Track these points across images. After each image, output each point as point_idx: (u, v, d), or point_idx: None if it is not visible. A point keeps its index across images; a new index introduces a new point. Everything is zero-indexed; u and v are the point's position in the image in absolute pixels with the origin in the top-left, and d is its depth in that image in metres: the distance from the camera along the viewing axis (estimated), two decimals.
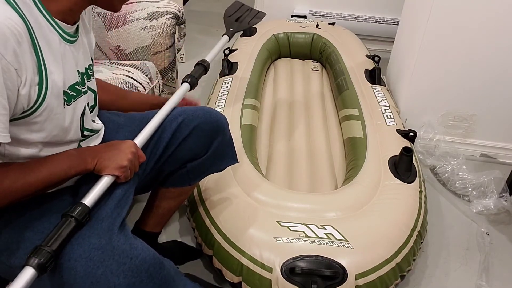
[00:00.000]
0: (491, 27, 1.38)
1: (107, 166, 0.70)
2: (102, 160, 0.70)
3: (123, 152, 0.72)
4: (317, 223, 0.99)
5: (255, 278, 0.93)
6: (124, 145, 0.73)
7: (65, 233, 0.62)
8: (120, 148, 0.73)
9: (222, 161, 0.97)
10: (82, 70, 0.74)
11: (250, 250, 0.95)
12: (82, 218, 0.65)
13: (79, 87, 0.72)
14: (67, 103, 0.69)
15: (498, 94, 1.50)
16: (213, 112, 0.93)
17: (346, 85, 1.61)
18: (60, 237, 0.61)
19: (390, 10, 2.25)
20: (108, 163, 0.70)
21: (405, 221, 1.04)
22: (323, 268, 0.90)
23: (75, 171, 0.68)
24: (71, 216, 0.64)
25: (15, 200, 0.63)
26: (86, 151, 0.72)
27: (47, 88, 0.63)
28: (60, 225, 0.63)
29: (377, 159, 1.22)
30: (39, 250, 0.59)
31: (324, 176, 1.29)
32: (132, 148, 0.74)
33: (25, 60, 0.59)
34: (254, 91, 1.56)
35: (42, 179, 0.64)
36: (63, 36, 0.67)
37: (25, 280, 0.57)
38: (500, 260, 1.22)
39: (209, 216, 1.05)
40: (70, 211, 0.65)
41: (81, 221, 0.64)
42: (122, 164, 0.70)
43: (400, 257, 0.97)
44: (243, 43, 1.90)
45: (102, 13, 1.38)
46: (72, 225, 0.63)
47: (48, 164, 0.66)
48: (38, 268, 0.58)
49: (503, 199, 1.35)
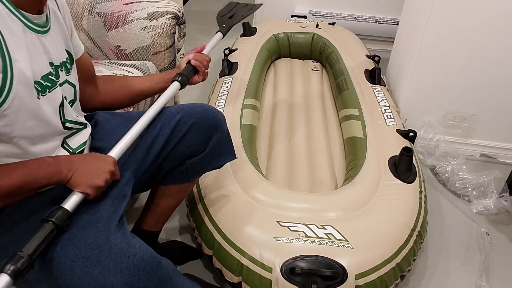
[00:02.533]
0: (491, 27, 1.38)
1: (80, 183, 0.67)
2: (77, 174, 0.67)
3: (101, 171, 0.69)
4: (317, 223, 0.99)
5: (255, 278, 0.93)
6: (103, 163, 0.71)
7: (42, 237, 0.60)
8: (98, 166, 0.70)
9: (220, 157, 0.97)
10: (57, 63, 0.72)
11: (250, 250, 0.95)
12: (62, 223, 0.63)
13: (53, 78, 0.70)
14: (41, 94, 0.67)
15: (498, 94, 1.50)
16: (211, 109, 0.93)
17: (346, 85, 1.61)
18: (37, 242, 0.60)
19: (390, 10, 2.25)
20: (83, 180, 0.67)
21: (405, 221, 1.04)
22: (323, 268, 0.90)
23: (48, 181, 0.66)
24: (49, 220, 0.62)
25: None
26: (63, 161, 0.68)
27: (12, 76, 0.61)
28: (38, 230, 0.61)
29: (377, 159, 1.22)
30: (15, 256, 0.58)
31: (324, 176, 1.29)
32: (111, 167, 0.71)
33: None
34: (254, 91, 1.56)
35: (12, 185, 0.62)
36: (28, 25, 0.65)
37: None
38: (500, 260, 1.22)
39: (209, 216, 1.05)
40: (50, 215, 0.63)
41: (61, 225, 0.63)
42: (96, 184, 0.68)
43: (400, 257, 0.97)
44: (243, 43, 1.90)
45: (102, 13, 1.38)
46: (51, 228, 0.62)
47: (20, 170, 0.63)
48: (13, 275, 0.57)
49: (503, 199, 1.35)
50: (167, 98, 0.91)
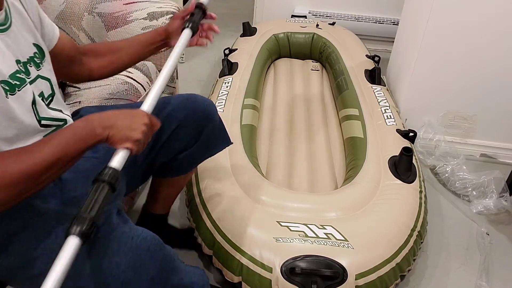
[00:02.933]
0: (491, 27, 1.38)
1: (120, 140, 0.63)
2: (114, 131, 0.63)
3: (136, 124, 0.65)
4: (317, 223, 0.99)
5: (255, 278, 0.93)
6: (136, 116, 0.66)
7: (100, 198, 0.58)
8: (132, 120, 0.66)
9: (215, 146, 0.95)
10: (24, 59, 0.69)
11: (250, 250, 0.95)
12: (115, 182, 0.60)
13: (21, 75, 0.67)
14: (10, 93, 0.64)
15: (498, 94, 1.50)
16: (199, 99, 0.90)
17: (346, 85, 1.61)
18: (97, 203, 0.57)
19: (390, 10, 2.25)
20: (121, 136, 0.63)
21: (405, 221, 1.04)
22: (323, 268, 0.90)
23: (85, 144, 0.62)
24: (103, 180, 0.59)
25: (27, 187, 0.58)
26: (95, 120, 0.64)
27: None
28: (94, 191, 0.58)
29: (377, 159, 1.22)
30: (80, 218, 0.55)
31: (324, 176, 1.29)
32: (145, 119, 0.67)
33: None
34: (254, 91, 1.56)
35: (48, 159, 0.58)
36: None
37: (71, 250, 0.53)
38: (500, 260, 1.22)
39: (209, 216, 1.05)
40: (101, 175, 0.60)
41: (114, 185, 0.60)
42: (135, 138, 0.64)
43: (400, 257, 0.97)
44: (243, 43, 1.90)
45: (102, 13, 1.38)
46: (106, 189, 0.59)
47: (50, 143, 0.60)
48: (82, 236, 0.54)
49: (503, 199, 1.35)
50: (181, 50, 0.83)
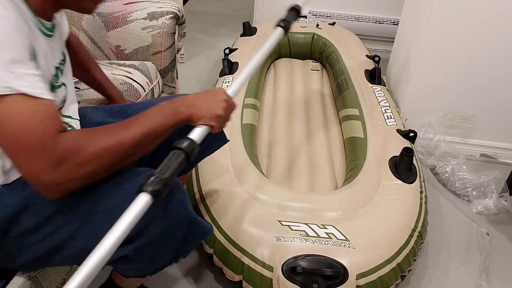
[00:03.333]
0: (491, 27, 1.38)
1: (202, 116, 0.67)
2: (196, 110, 0.67)
3: (216, 100, 0.70)
4: (318, 223, 0.99)
5: (256, 277, 0.93)
6: (217, 94, 0.71)
7: (175, 164, 0.60)
8: (213, 97, 0.70)
9: (212, 145, 0.94)
10: (57, 64, 0.73)
11: (251, 249, 0.95)
12: (191, 152, 0.63)
13: (56, 79, 0.72)
14: (53, 91, 0.69)
15: (498, 94, 1.50)
16: None
17: (346, 85, 1.62)
18: (171, 168, 0.60)
19: (390, 10, 2.25)
20: (202, 113, 0.67)
21: (406, 221, 1.04)
22: (324, 267, 0.90)
23: (171, 122, 0.66)
24: (179, 148, 0.62)
25: (114, 161, 0.61)
26: (178, 101, 0.68)
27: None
28: (170, 157, 0.61)
29: (378, 159, 1.22)
30: (153, 177, 0.57)
31: (324, 176, 1.29)
32: (225, 96, 0.71)
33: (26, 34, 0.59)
34: (254, 91, 1.56)
35: (139, 134, 0.62)
36: (44, 31, 0.67)
37: (141, 205, 0.55)
38: (500, 260, 1.22)
39: (210, 215, 1.05)
40: (178, 144, 0.63)
41: (189, 154, 0.63)
42: (217, 113, 0.68)
43: (400, 257, 0.97)
44: (243, 43, 1.89)
45: (102, 13, 1.38)
46: (182, 157, 0.62)
47: (141, 119, 0.64)
48: (153, 194, 0.56)
49: (503, 199, 1.36)
50: (270, 46, 0.87)
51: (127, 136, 0.61)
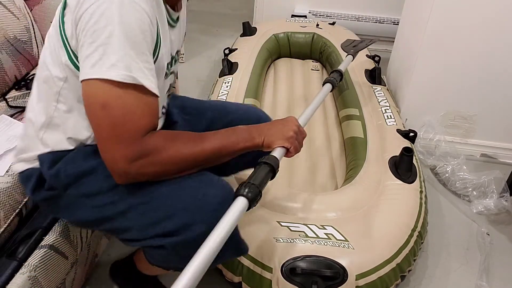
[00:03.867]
0: (491, 27, 1.38)
1: (274, 140, 0.73)
2: (268, 136, 0.72)
3: (287, 126, 0.75)
4: (318, 223, 0.99)
5: (256, 278, 0.93)
6: (289, 121, 0.77)
7: (263, 174, 0.66)
8: (283, 123, 0.76)
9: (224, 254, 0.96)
10: (174, 53, 0.79)
11: (251, 250, 0.94)
12: (274, 166, 0.68)
13: (169, 66, 0.77)
14: (165, 78, 0.75)
15: (498, 94, 1.50)
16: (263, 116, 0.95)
17: (346, 85, 1.61)
18: (261, 177, 0.65)
19: (390, 10, 2.25)
20: (275, 138, 0.73)
21: (406, 222, 1.04)
22: (324, 268, 0.89)
23: (244, 145, 0.70)
24: (265, 162, 0.68)
25: (183, 168, 0.65)
26: (253, 128, 0.74)
27: (156, 59, 0.67)
28: (258, 169, 0.67)
29: (378, 159, 1.22)
30: (249, 185, 0.62)
31: (324, 176, 1.29)
32: (296, 122, 0.77)
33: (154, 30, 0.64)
34: (254, 91, 1.56)
35: (213, 149, 0.67)
36: (169, 20, 0.73)
37: (240, 209, 0.59)
38: (500, 260, 1.22)
39: None
40: (265, 159, 0.69)
41: (274, 169, 0.68)
42: (288, 135, 0.73)
43: (400, 258, 0.97)
44: (243, 43, 1.89)
45: None
46: (267, 169, 0.67)
47: (218, 135, 0.69)
48: (250, 199, 0.60)
49: (503, 199, 1.35)
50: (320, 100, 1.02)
51: (204, 149, 0.66)
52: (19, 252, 0.83)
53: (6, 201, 0.87)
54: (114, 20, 0.56)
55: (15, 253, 0.83)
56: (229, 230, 0.57)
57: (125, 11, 0.57)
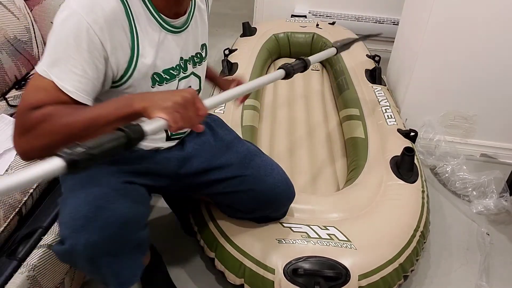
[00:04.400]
0: (491, 27, 1.38)
1: (153, 110, 0.62)
2: (150, 103, 0.63)
3: (174, 95, 0.63)
4: (320, 224, 0.99)
5: (258, 279, 0.93)
6: (181, 91, 0.65)
7: (110, 144, 0.56)
8: (173, 92, 0.65)
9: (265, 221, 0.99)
10: (187, 57, 0.82)
11: (253, 252, 0.94)
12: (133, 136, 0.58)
13: (173, 72, 0.79)
14: (158, 84, 0.77)
15: (498, 94, 1.50)
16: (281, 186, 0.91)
17: (346, 85, 1.61)
18: (104, 147, 0.55)
19: (390, 10, 2.25)
20: (155, 107, 0.62)
21: (408, 222, 1.04)
22: (326, 269, 0.89)
23: (121, 112, 0.63)
24: (123, 130, 0.58)
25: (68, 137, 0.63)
26: (138, 95, 0.67)
27: (134, 68, 0.72)
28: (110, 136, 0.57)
29: (379, 159, 1.22)
30: (80, 148, 0.54)
31: (325, 177, 1.29)
32: (186, 94, 0.63)
33: (114, 36, 0.67)
34: (254, 92, 1.55)
35: (89, 117, 0.64)
36: (164, 26, 0.75)
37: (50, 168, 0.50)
38: (500, 260, 1.22)
39: (212, 219, 1.04)
40: (125, 126, 0.59)
41: (130, 139, 0.58)
42: (165, 105, 0.61)
43: (403, 258, 0.97)
44: (243, 43, 1.89)
45: None
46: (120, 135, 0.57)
47: (101, 105, 0.67)
48: (69, 162, 0.51)
49: (503, 199, 1.36)
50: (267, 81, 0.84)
51: (80, 118, 0.64)
52: (19, 251, 0.83)
53: (6, 200, 0.86)
54: (55, 28, 0.65)
55: (15, 253, 0.83)
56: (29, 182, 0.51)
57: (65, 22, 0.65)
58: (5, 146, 0.95)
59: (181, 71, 0.81)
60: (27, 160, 0.67)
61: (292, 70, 0.89)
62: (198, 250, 1.17)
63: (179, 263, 1.14)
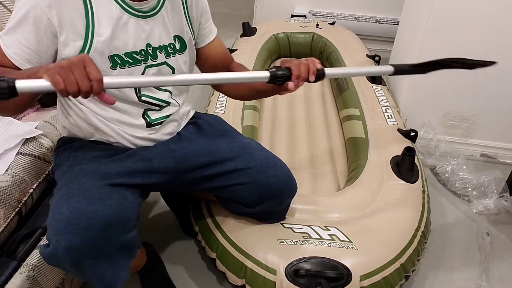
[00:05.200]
0: (491, 27, 1.38)
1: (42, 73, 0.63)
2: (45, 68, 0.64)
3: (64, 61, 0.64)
4: (321, 225, 0.99)
5: (259, 280, 0.92)
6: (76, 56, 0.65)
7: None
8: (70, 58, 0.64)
9: (266, 218, 0.99)
10: (156, 45, 0.81)
11: (254, 252, 0.94)
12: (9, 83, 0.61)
13: (137, 56, 0.79)
14: (120, 66, 0.78)
15: (498, 94, 1.50)
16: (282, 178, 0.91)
17: (346, 85, 1.61)
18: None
19: (390, 10, 2.26)
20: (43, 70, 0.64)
21: (409, 221, 1.04)
22: (328, 269, 0.89)
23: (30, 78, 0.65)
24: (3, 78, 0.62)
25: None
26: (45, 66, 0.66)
27: (90, 47, 0.74)
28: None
29: (379, 159, 1.22)
30: None
31: (326, 177, 1.29)
32: (74, 58, 0.63)
33: (64, 13, 0.71)
34: None
35: None
36: (126, 9, 0.76)
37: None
38: (500, 260, 1.22)
39: (213, 219, 1.04)
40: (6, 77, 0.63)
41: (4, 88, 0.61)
42: (48, 67, 0.63)
43: (404, 258, 0.97)
44: (243, 43, 1.89)
45: None
46: None
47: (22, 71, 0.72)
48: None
49: (503, 199, 1.36)
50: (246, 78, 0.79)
51: None
52: (19, 251, 0.83)
53: (6, 200, 0.86)
54: (16, 2, 0.74)
55: (15, 253, 0.83)
56: None
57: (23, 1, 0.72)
58: (5, 146, 0.95)
59: (149, 58, 0.81)
60: None
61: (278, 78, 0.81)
62: (199, 250, 1.17)
63: (179, 264, 1.13)
